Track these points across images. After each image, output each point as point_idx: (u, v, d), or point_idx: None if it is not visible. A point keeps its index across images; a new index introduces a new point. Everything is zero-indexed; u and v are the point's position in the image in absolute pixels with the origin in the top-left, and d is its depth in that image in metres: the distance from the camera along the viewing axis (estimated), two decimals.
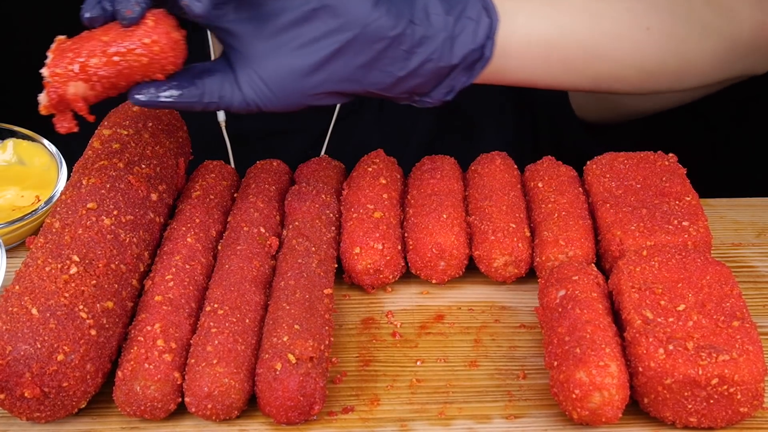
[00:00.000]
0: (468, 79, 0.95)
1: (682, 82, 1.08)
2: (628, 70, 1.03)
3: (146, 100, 0.89)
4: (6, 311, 0.81)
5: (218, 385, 0.81)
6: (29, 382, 0.79)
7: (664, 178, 1.02)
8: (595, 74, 1.02)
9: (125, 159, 0.98)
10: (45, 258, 0.85)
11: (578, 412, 0.80)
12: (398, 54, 0.91)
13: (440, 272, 0.99)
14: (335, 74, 0.91)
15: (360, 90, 0.93)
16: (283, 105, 0.92)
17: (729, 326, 0.82)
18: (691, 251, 0.90)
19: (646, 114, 1.31)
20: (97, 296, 0.85)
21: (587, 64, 1.01)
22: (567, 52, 0.99)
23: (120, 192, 0.94)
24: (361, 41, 0.89)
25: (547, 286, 0.90)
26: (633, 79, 1.04)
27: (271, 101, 0.91)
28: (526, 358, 0.91)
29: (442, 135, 1.38)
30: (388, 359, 0.92)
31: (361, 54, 0.90)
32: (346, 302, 0.99)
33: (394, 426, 0.84)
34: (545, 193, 1.03)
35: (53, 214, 0.92)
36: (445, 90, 0.96)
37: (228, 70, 0.91)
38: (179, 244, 0.95)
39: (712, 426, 0.82)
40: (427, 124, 1.37)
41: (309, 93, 0.92)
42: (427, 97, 0.96)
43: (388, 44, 0.90)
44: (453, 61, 0.93)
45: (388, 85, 0.93)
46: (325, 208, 1.03)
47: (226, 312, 0.87)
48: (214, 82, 0.91)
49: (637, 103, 1.26)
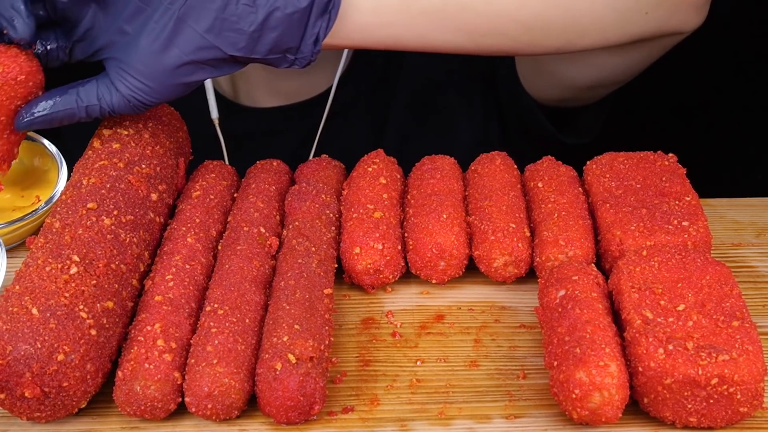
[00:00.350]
0: (329, 24, 0.95)
1: (578, 40, 1.04)
2: (507, 24, 1.00)
3: (26, 120, 0.95)
4: (6, 311, 0.81)
5: (218, 385, 0.82)
6: (29, 381, 0.79)
7: (664, 178, 1.02)
8: (469, 29, 1.00)
9: (125, 159, 0.98)
10: (45, 258, 0.86)
11: (578, 412, 0.80)
12: (240, 10, 0.91)
13: (440, 272, 0.99)
14: (186, 45, 0.92)
15: (222, 55, 0.94)
16: (159, 91, 0.95)
17: (729, 326, 0.82)
18: (691, 251, 0.90)
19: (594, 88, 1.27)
20: (98, 296, 0.85)
21: (455, 17, 0.99)
22: (425, 1, 0.97)
23: (120, 192, 0.94)
24: (195, 6, 0.91)
25: (547, 286, 0.90)
26: (515, 35, 1.01)
27: (146, 91, 0.94)
28: (526, 358, 0.91)
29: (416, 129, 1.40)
30: (388, 359, 0.92)
31: (201, 19, 0.92)
32: (346, 302, 0.99)
33: (394, 426, 0.85)
34: (545, 193, 1.03)
35: (53, 214, 0.92)
36: (311, 40, 0.95)
37: (104, 75, 0.96)
38: (179, 244, 0.95)
39: (711, 426, 0.82)
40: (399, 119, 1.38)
41: (173, 71, 0.94)
42: (300, 54, 0.96)
43: (222, 2, 0.91)
44: (301, 4, 0.92)
45: (247, 45, 0.93)
46: (325, 208, 1.03)
47: (226, 312, 0.87)
48: (89, 88, 0.95)
49: (573, 74, 1.22)
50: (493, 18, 1.00)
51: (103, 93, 0.95)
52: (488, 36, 1.01)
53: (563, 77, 1.24)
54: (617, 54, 1.12)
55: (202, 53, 0.93)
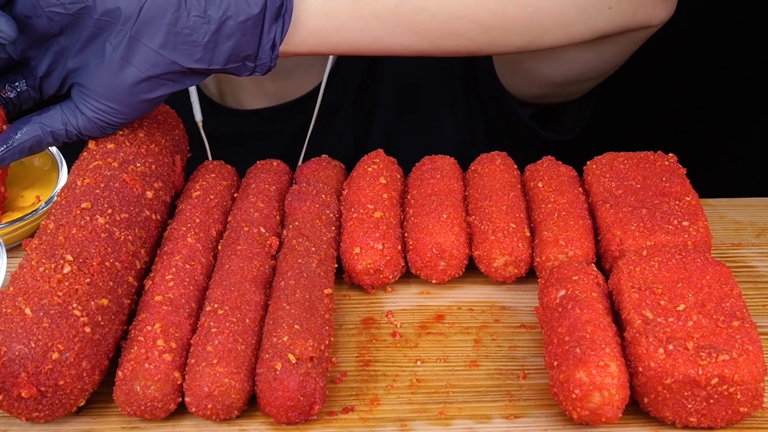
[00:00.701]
0: (284, 29, 0.95)
1: (540, 38, 1.03)
2: (464, 25, 0.99)
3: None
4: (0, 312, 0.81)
5: (218, 385, 0.81)
6: (25, 381, 0.79)
7: (664, 178, 1.02)
8: (425, 31, 0.99)
9: (120, 158, 0.98)
10: (39, 259, 0.86)
11: (578, 412, 0.80)
12: (192, 22, 0.92)
13: (440, 272, 0.99)
14: (142, 63, 0.93)
15: (180, 68, 0.94)
16: (123, 111, 0.96)
17: (729, 326, 0.82)
18: (691, 251, 0.90)
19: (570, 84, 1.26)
20: (92, 294, 0.85)
21: (409, 20, 0.98)
22: (377, 4, 0.97)
23: (114, 191, 0.94)
24: (146, 24, 0.91)
25: (547, 286, 0.90)
26: (473, 35, 1.00)
27: (110, 112, 0.96)
28: (526, 358, 0.91)
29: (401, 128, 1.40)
30: (388, 359, 0.92)
31: (154, 35, 0.92)
32: (346, 302, 0.99)
33: (394, 426, 0.84)
34: (545, 193, 1.03)
35: (48, 216, 0.92)
36: (268, 46, 0.95)
37: (68, 100, 0.97)
38: (179, 244, 0.95)
39: (712, 426, 0.82)
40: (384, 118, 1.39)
41: (132, 89, 0.94)
42: (259, 60, 0.96)
43: (174, 15, 0.91)
44: (253, 11, 0.92)
45: (203, 57, 0.93)
46: (325, 208, 1.03)
47: (227, 312, 0.87)
48: (54, 114, 0.97)
49: (547, 71, 1.22)
50: (449, 19, 0.99)
51: (68, 118, 0.96)
52: (445, 37, 1.00)
53: (538, 75, 1.24)
54: (587, 49, 1.12)
55: (159, 69, 0.93)
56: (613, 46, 1.13)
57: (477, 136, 1.40)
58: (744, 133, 2.00)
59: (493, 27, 1.00)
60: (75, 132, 0.97)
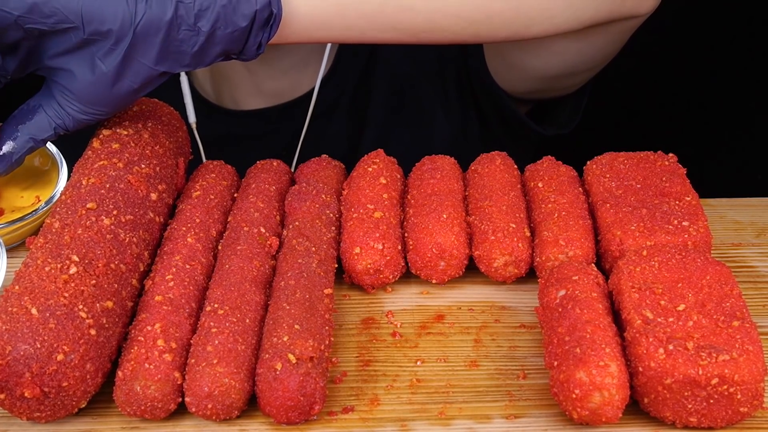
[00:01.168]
0: (270, 34, 0.95)
1: (526, 29, 1.03)
2: (448, 20, 1.00)
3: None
4: (5, 311, 0.81)
5: (218, 385, 0.82)
6: (29, 382, 0.79)
7: (664, 178, 1.02)
8: (409, 27, 0.99)
9: (125, 159, 0.98)
10: (44, 258, 0.85)
11: (578, 412, 0.80)
12: (183, 35, 0.92)
13: (440, 272, 0.99)
14: (137, 77, 0.93)
15: (173, 71, 0.95)
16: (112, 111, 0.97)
17: (729, 326, 0.82)
18: (691, 251, 0.90)
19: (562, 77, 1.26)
20: (97, 296, 0.85)
21: (393, 17, 0.99)
22: (362, 4, 0.97)
23: (119, 192, 0.94)
24: (139, 42, 0.91)
25: (547, 286, 0.90)
26: (457, 29, 1.01)
27: (99, 113, 0.96)
28: (526, 358, 0.91)
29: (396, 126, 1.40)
30: (388, 359, 0.92)
31: (147, 53, 0.92)
32: (346, 302, 0.99)
33: (394, 426, 0.85)
34: (545, 193, 1.03)
35: (53, 215, 0.92)
36: (254, 47, 0.96)
37: (49, 99, 0.96)
38: (179, 244, 0.95)
39: (712, 426, 0.82)
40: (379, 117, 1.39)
41: (124, 97, 0.95)
42: (243, 56, 0.97)
43: (166, 32, 0.91)
44: (241, 24, 0.93)
45: (192, 62, 0.94)
46: (325, 208, 1.03)
47: (227, 312, 0.87)
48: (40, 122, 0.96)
49: (538, 65, 1.22)
50: (434, 15, 0.99)
51: (56, 122, 0.96)
52: (429, 32, 1.01)
53: (529, 69, 1.23)
54: (577, 40, 1.12)
55: (152, 79, 0.94)
56: (602, 36, 1.13)
57: (472, 134, 1.40)
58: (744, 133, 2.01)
59: (477, 21, 1.01)
60: (63, 131, 0.97)
